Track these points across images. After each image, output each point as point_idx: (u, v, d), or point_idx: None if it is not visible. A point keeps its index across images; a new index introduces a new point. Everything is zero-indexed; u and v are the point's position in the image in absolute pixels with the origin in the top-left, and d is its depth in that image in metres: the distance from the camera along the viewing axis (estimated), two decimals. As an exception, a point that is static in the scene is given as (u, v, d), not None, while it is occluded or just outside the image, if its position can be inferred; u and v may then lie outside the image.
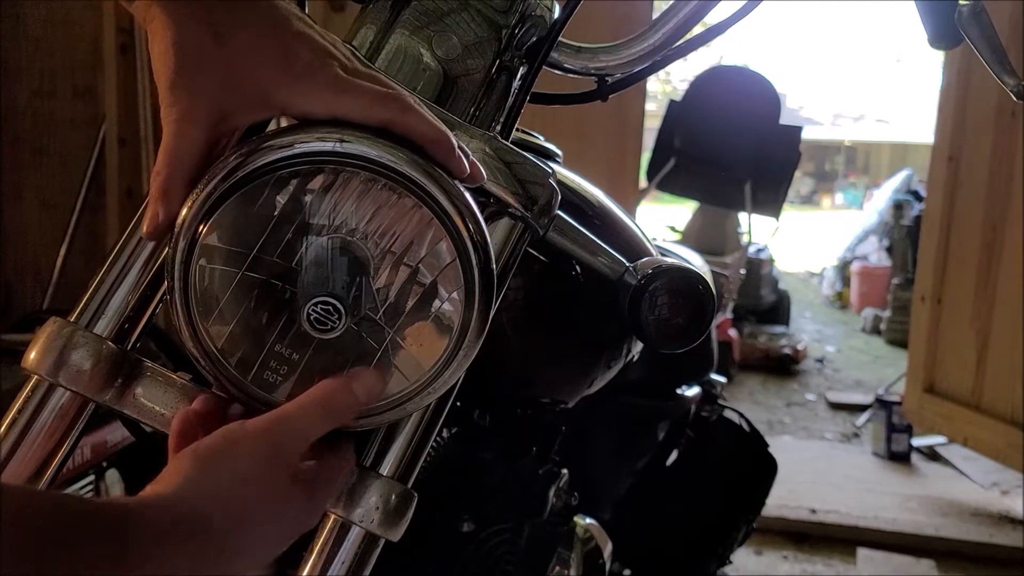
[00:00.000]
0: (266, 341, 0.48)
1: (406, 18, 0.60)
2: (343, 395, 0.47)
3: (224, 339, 0.47)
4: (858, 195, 17.96)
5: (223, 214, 0.46)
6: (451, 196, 0.47)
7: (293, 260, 0.46)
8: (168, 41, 0.46)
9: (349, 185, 0.46)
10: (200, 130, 0.47)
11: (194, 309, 0.47)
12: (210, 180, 0.46)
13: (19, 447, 0.51)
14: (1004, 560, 2.72)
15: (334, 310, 0.47)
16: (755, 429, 1.44)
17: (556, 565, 0.88)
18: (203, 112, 0.46)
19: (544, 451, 0.94)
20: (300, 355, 0.48)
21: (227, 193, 0.45)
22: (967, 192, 3.10)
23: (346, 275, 0.47)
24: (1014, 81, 0.69)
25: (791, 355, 5.23)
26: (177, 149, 0.47)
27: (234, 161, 0.46)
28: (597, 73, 0.72)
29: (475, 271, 0.47)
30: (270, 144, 0.46)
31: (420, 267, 0.47)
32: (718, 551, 1.38)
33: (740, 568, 2.61)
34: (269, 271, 0.47)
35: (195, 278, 0.46)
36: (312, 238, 0.46)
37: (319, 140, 0.46)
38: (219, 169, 0.46)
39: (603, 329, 0.85)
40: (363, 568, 0.54)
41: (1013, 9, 2.64)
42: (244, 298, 0.47)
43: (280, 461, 0.45)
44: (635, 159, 2.70)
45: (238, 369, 0.48)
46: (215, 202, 0.46)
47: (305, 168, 0.46)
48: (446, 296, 0.48)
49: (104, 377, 0.51)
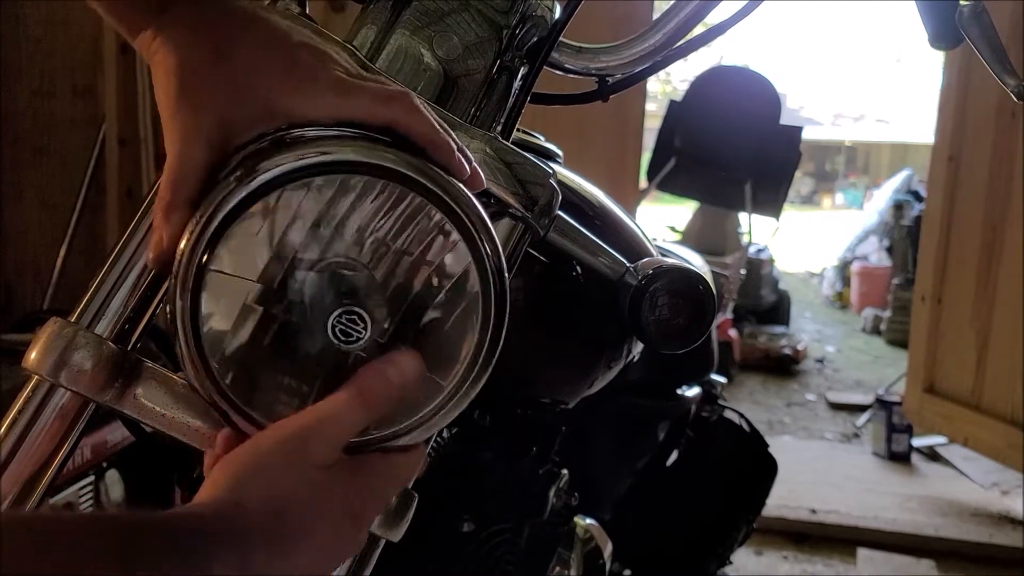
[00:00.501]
0: (276, 371, 0.46)
1: (407, 18, 0.60)
2: (378, 383, 0.45)
3: (232, 372, 0.45)
4: (858, 195, 17.97)
5: (226, 241, 0.44)
6: (460, 202, 0.46)
7: (304, 279, 0.45)
8: (170, 66, 0.46)
9: (359, 194, 0.45)
10: (202, 151, 0.46)
11: (204, 345, 0.45)
12: (207, 208, 0.44)
13: (19, 447, 0.51)
14: (1004, 560, 2.72)
15: (359, 319, 0.46)
16: (755, 429, 1.44)
17: (556, 565, 0.88)
18: (205, 131, 0.46)
19: (544, 451, 0.94)
20: (309, 387, 0.46)
21: (227, 219, 0.44)
22: (967, 192, 3.10)
23: (364, 286, 0.46)
24: (1014, 81, 0.69)
25: (791, 355, 5.23)
26: (180, 171, 0.46)
27: (231, 185, 0.44)
28: (598, 73, 0.72)
29: (489, 274, 0.47)
30: (267, 163, 0.44)
31: (435, 275, 0.46)
32: (718, 551, 1.38)
33: (740, 568, 2.61)
34: (279, 295, 0.45)
35: (203, 307, 0.44)
36: (324, 252, 0.45)
37: (321, 154, 0.44)
38: (216, 195, 0.44)
39: (603, 329, 0.85)
40: (363, 568, 0.54)
41: (1013, 9, 2.64)
42: (253, 327, 0.45)
43: (313, 456, 0.43)
44: (635, 159, 2.71)
45: (244, 400, 0.46)
46: (216, 229, 0.44)
47: (310, 179, 0.44)
48: (462, 304, 0.47)
49: (104, 377, 0.51)
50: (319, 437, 0.44)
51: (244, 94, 0.46)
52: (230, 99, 0.46)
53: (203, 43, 0.46)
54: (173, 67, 0.46)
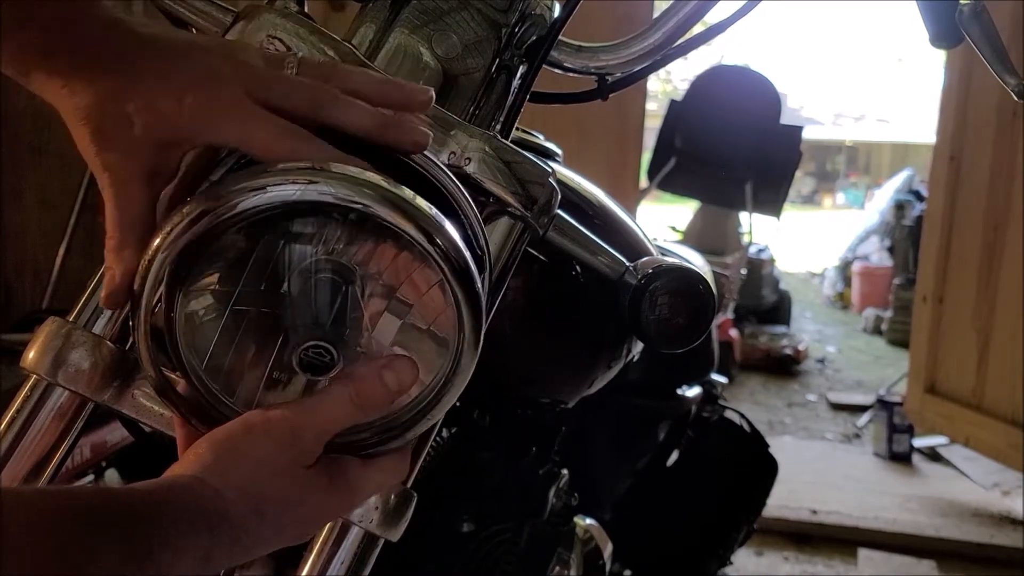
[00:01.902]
0: (258, 382, 0.46)
1: (406, 17, 0.60)
2: (374, 386, 0.45)
3: (215, 384, 0.46)
4: (859, 195, 17.96)
5: (197, 271, 0.44)
6: (426, 229, 0.44)
7: (276, 306, 0.44)
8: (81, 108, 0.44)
9: (327, 225, 0.44)
10: (137, 186, 0.45)
11: (161, 365, 0.45)
12: (165, 239, 0.43)
13: (18, 447, 0.51)
14: (1005, 561, 2.72)
15: (325, 352, 0.45)
16: (756, 429, 1.44)
17: (556, 565, 0.88)
18: (137, 169, 0.45)
19: (544, 451, 0.94)
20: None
21: (192, 248, 0.43)
22: (968, 192, 3.10)
23: (333, 314, 0.45)
24: (1015, 80, 0.68)
25: (792, 355, 5.23)
26: (124, 212, 0.45)
27: (184, 224, 0.42)
28: (597, 72, 0.71)
29: (461, 296, 0.45)
30: (225, 201, 0.42)
31: (405, 296, 0.45)
32: (718, 551, 1.38)
33: (741, 569, 2.60)
34: (252, 321, 0.45)
35: (179, 330, 0.44)
36: (294, 281, 0.44)
37: (282, 186, 0.42)
38: (171, 229, 0.42)
39: (603, 329, 0.85)
40: (362, 568, 0.54)
41: (1014, 9, 2.64)
42: (229, 347, 0.45)
43: (299, 448, 0.44)
44: (635, 158, 2.71)
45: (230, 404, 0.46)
46: (177, 260, 0.43)
47: (274, 216, 0.43)
48: (432, 319, 0.46)
49: (103, 377, 0.51)
50: (310, 431, 0.44)
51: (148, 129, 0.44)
52: (148, 129, 0.44)
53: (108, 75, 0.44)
54: (71, 111, 0.45)
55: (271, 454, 0.43)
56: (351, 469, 0.47)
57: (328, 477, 0.46)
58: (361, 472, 0.47)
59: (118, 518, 0.37)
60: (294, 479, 0.44)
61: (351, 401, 0.45)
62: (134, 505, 0.38)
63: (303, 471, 0.44)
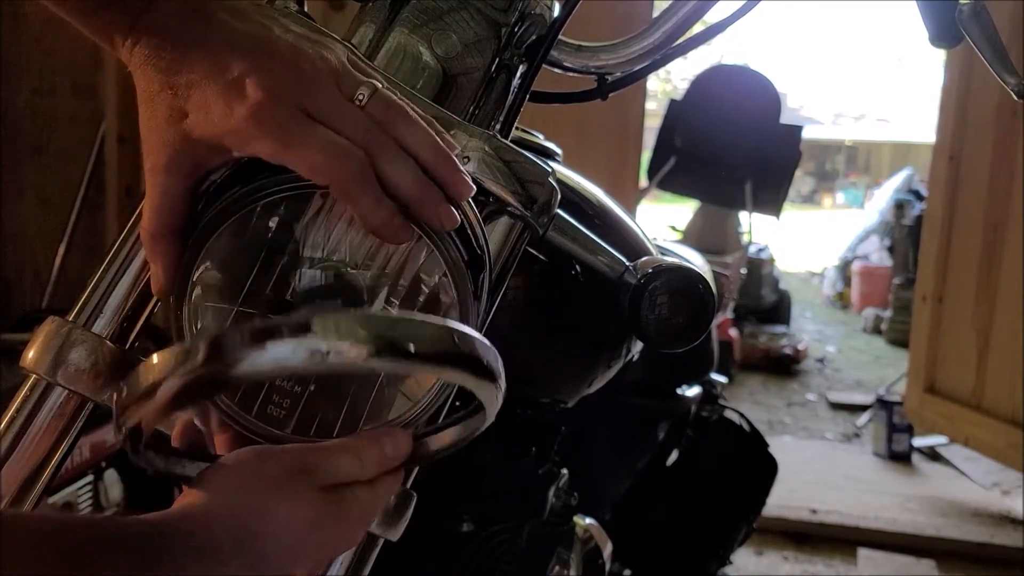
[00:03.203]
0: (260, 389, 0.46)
1: (405, 16, 0.60)
2: (374, 450, 0.46)
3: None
4: (859, 194, 17.96)
5: (213, 251, 0.45)
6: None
7: (287, 293, 0.46)
8: (139, 88, 0.46)
9: (337, 214, 0.46)
10: (177, 177, 0.46)
11: None
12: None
13: (17, 446, 0.51)
14: (1005, 560, 2.72)
15: None
16: (755, 429, 1.44)
17: (556, 565, 0.88)
18: (175, 159, 0.45)
19: (544, 451, 0.94)
20: (302, 387, 0.47)
21: (215, 227, 0.45)
22: (968, 191, 3.10)
23: (342, 306, 0.46)
24: (1015, 80, 0.68)
25: (792, 355, 5.23)
26: (158, 199, 0.46)
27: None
28: (597, 72, 0.71)
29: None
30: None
31: (413, 288, 0.46)
32: (718, 551, 1.38)
33: (740, 568, 2.60)
34: (264, 306, 0.46)
35: (189, 318, 0.45)
36: (304, 270, 0.45)
37: None
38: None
39: (603, 329, 0.84)
40: (362, 568, 0.54)
41: (1013, 8, 2.64)
42: None
43: (310, 479, 0.44)
44: (635, 158, 2.70)
45: (240, 404, 0.47)
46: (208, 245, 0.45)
47: (288, 201, 0.45)
48: (441, 315, 0.47)
49: (103, 376, 0.51)
50: (317, 473, 0.44)
51: (195, 130, 0.45)
52: (196, 127, 0.45)
53: (159, 66, 0.45)
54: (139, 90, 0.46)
55: (280, 482, 0.43)
56: (360, 491, 0.47)
57: (332, 525, 0.45)
58: (368, 493, 0.48)
59: (127, 546, 0.36)
60: (304, 506, 0.43)
61: (354, 457, 0.46)
62: (146, 534, 0.37)
63: (314, 497, 0.44)
